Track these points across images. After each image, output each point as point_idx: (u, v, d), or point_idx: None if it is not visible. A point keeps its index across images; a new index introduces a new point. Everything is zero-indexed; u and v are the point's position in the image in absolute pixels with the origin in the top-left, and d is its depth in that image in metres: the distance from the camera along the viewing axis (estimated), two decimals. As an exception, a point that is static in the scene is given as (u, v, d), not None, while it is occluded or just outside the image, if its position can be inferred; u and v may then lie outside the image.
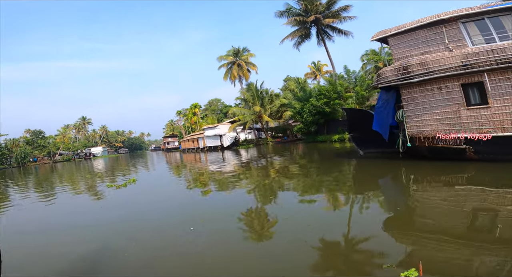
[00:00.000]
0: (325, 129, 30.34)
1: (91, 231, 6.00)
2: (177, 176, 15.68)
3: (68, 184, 16.83)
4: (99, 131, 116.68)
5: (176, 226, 5.74)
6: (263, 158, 20.98)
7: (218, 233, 5.11)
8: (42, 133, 72.11)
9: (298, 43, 33.15)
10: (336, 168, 11.93)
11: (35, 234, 6.28)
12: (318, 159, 16.54)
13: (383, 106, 11.11)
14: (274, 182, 9.87)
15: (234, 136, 42.56)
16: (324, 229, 4.80)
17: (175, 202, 8.22)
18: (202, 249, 4.41)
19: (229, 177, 12.71)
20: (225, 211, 6.59)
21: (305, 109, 29.29)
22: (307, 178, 10.10)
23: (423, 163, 9.48)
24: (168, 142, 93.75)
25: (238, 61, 45.00)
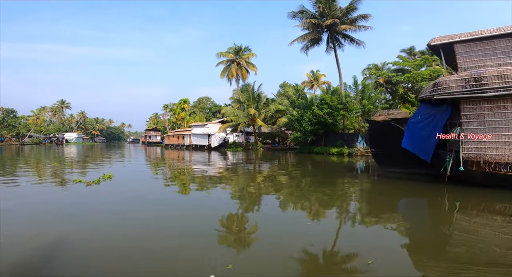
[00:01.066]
0: (322, 140, 28.70)
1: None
2: (159, 175, 13.19)
3: (25, 172, 13.92)
4: (77, 117, 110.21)
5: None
6: (254, 164, 18.88)
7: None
8: (14, 112, 66.21)
9: (306, 47, 31.55)
10: (362, 188, 10.01)
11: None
12: (327, 174, 14.57)
13: (425, 122, 9.37)
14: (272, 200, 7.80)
15: (223, 137, 40.19)
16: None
17: (158, 215, 5.97)
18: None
19: (215, 183, 10.55)
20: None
21: (305, 118, 27.55)
22: (329, 199, 8.10)
23: (468, 189, 7.83)
24: (150, 135, 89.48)
25: (238, 59, 42.87)
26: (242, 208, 6.79)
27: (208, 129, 41.55)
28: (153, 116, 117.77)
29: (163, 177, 12.32)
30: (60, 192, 8.51)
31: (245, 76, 43.65)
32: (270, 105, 40.87)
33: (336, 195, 8.53)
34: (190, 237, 4.73)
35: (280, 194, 8.68)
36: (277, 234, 4.90)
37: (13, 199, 7.54)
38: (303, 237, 4.67)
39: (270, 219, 5.84)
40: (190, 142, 45.50)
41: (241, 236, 4.82)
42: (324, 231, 5.10)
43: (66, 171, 14.40)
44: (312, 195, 8.53)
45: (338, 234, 5.00)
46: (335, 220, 5.89)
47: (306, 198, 8.02)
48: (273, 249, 4.17)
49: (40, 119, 79.41)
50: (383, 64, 47.18)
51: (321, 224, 5.63)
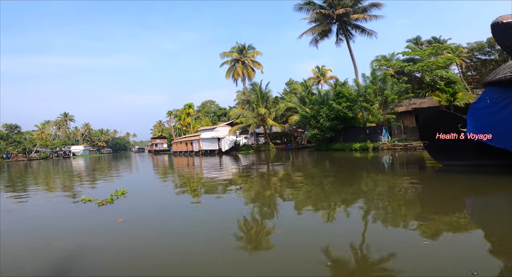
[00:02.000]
0: (341, 136, 27.20)
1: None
2: (179, 188, 11.74)
3: (30, 188, 12.67)
4: (82, 129, 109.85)
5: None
6: (273, 167, 17.45)
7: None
8: (17, 128, 65.68)
9: (316, 40, 30.20)
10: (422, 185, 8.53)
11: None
12: (358, 173, 13.09)
13: (500, 105, 7.91)
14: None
15: (234, 140, 38.88)
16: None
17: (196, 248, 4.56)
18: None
19: (238, 191, 9.15)
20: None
21: (322, 113, 26.10)
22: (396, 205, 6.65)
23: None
24: (156, 143, 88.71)
25: (242, 58, 41.60)
26: (287, 222, 5.39)
27: (217, 133, 40.25)
28: (157, 124, 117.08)
29: (179, 188, 10.93)
30: (66, 218, 7.11)
31: (251, 75, 42.35)
32: (279, 104, 39.51)
33: (381, 196, 7.11)
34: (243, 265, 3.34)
35: (321, 200, 7.28)
36: (344, 260, 3.49)
37: (12, 224, 6.22)
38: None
39: (319, 232, 4.43)
40: (199, 148, 44.23)
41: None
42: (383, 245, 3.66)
43: (75, 187, 13.13)
44: (354, 197, 7.12)
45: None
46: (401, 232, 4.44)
47: (348, 203, 6.61)
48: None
49: (45, 134, 78.91)
50: (391, 55, 45.74)
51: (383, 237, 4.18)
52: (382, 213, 5.81)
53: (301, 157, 24.34)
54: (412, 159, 15.66)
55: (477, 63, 41.78)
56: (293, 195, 8.20)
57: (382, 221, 5.28)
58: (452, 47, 36.78)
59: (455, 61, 36.65)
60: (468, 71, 45.28)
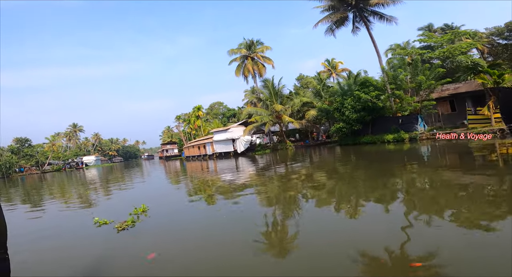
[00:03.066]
0: (369, 128, 25.00)
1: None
2: (208, 202, 9.81)
3: (42, 205, 11.04)
4: (92, 139, 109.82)
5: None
6: (298, 166, 15.47)
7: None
8: (28, 141, 65.39)
9: (331, 29, 28.05)
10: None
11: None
12: (405, 168, 11.01)
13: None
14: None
15: (249, 140, 37.01)
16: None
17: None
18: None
19: (268, 199, 7.23)
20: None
21: (347, 105, 23.98)
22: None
23: None
24: (167, 149, 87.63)
25: (252, 54, 39.67)
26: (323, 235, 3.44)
27: (231, 134, 38.44)
28: (166, 130, 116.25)
29: (208, 202, 9.03)
30: (76, 257, 5.25)
31: (262, 71, 40.38)
32: (294, 99, 37.46)
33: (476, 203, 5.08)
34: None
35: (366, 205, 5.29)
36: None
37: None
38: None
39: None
40: (213, 151, 42.49)
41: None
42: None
43: (89, 200, 11.46)
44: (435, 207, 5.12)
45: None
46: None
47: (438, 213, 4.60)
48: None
49: (56, 146, 78.70)
50: (406, 43, 43.42)
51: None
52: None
53: (327, 154, 22.28)
54: (464, 149, 13.47)
55: (498, 48, 39.28)
56: (352, 207, 6.24)
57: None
58: (471, 32, 34.52)
59: (477, 46, 34.32)
60: (489, 56, 42.81)
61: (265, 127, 34.88)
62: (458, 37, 33.93)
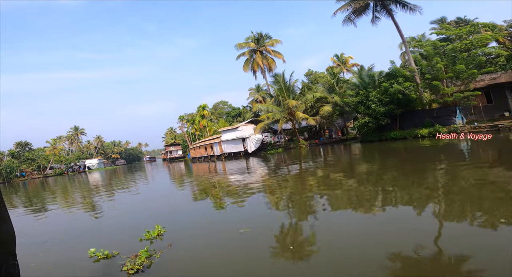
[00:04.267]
0: (397, 123, 22.77)
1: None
2: (238, 217, 7.54)
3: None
4: (94, 142, 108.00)
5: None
6: (320, 167, 13.30)
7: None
8: (28, 145, 63.46)
9: (349, 19, 25.92)
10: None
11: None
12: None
13: None
14: None
15: (261, 139, 34.82)
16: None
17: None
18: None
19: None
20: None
21: (372, 98, 21.77)
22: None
23: None
24: (171, 151, 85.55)
25: (260, 48, 37.45)
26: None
27: (241, 133, 36.26)
28: (168, 131, 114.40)
29: (237, 216, 6.83)
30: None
31: (272, 66, 38.19)
32: (306, 95, 35.24)
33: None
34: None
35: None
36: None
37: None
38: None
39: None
40: (221, 151, 40.34)
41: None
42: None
43: (89, 215, 9.36)
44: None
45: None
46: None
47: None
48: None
49: (57, 149, 76.82)
50: (421, 36, 41.34)
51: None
52: None
53: (350, 152, 20.06)
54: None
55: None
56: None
57: None
58: (490, 25, 32.62)
59: (498, 38, 32.34)
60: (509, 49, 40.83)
61: (278, 124, 32.69)
62: (477, 29, 32.09)
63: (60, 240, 6.27)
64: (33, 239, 6.65)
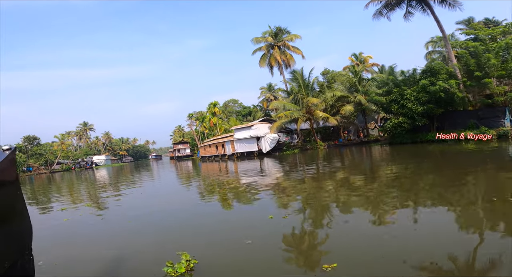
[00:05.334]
0: (433, 125, 20.67)
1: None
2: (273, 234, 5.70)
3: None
4: (102, 138, 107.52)
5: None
6: (359, 172, 11.33)
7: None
8: (36, 140, 62.65)
9: (381, 12, 23.99)
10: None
11: None
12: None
13: None
14: None
15: (276, 139, 32.95)
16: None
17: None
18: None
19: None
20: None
21: (408, 96, 19.72)
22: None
23: None
24: (179, 149, 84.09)
25: (278, 43, 35.50)
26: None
27: (255, 131, 34.44)
28: (176, 129, 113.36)
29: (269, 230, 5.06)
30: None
31: (290, 62, 36.26)
32: (326, 93, 33.25)
33: None
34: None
35: None
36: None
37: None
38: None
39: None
40: (233, 150, 38.58)
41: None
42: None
43: (90, 233, 7.65)
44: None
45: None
46: None
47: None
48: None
49: (65, 144, 76.11)
50: (449, 36, 39.00)
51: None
52: None
53: (386, 155, 18.03)
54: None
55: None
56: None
57: None
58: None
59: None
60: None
61: (297, 124, 30.76)
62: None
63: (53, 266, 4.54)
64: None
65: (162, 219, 7.27)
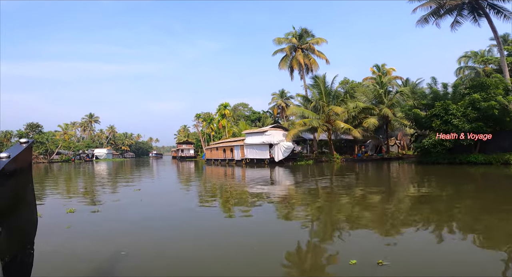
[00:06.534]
0: (477, 145, 18.33)
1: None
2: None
3: None
4: (107, 132, 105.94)
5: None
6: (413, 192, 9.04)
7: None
8: (39, 127, 60.86)
9: (425, 19, 22.14)
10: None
11: None
12: None
13: None
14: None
15: (291, 148, 30.61)
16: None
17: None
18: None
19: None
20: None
21: (454, 111, 17.48)
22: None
23: None
24: (183, 149, 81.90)
25: (302, 45, 33.50)
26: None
27: (269, 137, 32.17)
28: (181, 129, 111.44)
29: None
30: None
31: (313, 66, 34.20)
32: (348, 103, 31.07)
33: None
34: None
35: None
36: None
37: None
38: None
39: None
40: (242, 156, 36.28)
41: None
42: None
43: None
44: None
45: None
46: None
47: None
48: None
49: (68, 135, 74.29)
50: (483, 52, 36.96)
51: None
52: None
53: (424, 177, 15.68)
54: None
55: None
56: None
57: None
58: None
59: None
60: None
61: (316, 133, 28.55)
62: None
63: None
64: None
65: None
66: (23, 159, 1.29)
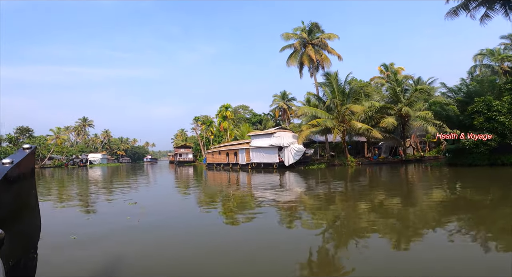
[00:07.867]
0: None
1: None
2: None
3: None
4: (101, 136, 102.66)
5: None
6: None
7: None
8: (29, 131, 57.79)
9: (455, 12, 20.25)
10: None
11: None
12: None
13: None
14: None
15: (302, 151, 28.27)
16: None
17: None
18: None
19: None
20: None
21: (500, 108, 15.41)
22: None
23: None
24: (181, 153, 79.07)
25: (313, 40, 31.28)
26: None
27: (278, 140, 29.82)
28: (179, 133, 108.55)
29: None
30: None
31: (325, 63, 32.03)
32: (363, 102, 28.99)
33: None
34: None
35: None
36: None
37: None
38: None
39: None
40: (248, 160, 33.84)
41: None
42: None
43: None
44: None
45: None
46: None
47: None
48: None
49: (60, 139, 71.12)
50: (499, 50, 35.51)
51: None
52: None
53: (452, 180, 13.50)
54: None
55: None
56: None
57: None
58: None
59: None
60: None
61: (332, 134, 26.32)
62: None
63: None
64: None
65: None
66: (26, 164, 1.30)
